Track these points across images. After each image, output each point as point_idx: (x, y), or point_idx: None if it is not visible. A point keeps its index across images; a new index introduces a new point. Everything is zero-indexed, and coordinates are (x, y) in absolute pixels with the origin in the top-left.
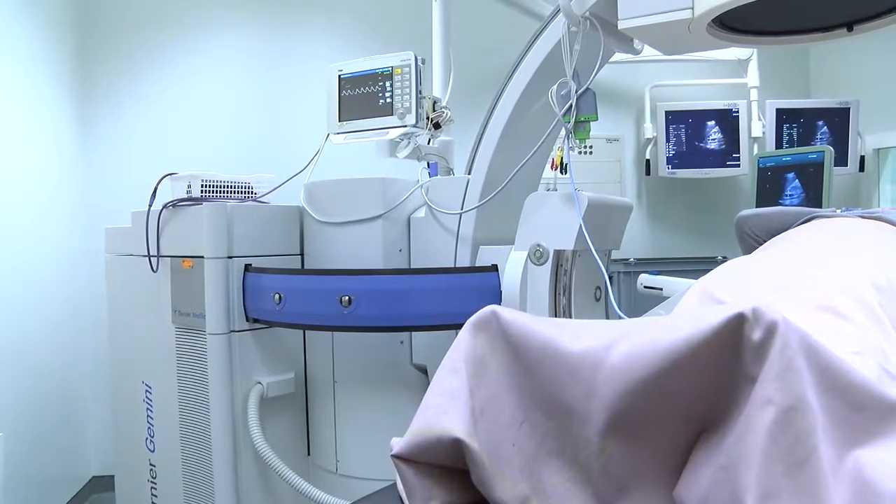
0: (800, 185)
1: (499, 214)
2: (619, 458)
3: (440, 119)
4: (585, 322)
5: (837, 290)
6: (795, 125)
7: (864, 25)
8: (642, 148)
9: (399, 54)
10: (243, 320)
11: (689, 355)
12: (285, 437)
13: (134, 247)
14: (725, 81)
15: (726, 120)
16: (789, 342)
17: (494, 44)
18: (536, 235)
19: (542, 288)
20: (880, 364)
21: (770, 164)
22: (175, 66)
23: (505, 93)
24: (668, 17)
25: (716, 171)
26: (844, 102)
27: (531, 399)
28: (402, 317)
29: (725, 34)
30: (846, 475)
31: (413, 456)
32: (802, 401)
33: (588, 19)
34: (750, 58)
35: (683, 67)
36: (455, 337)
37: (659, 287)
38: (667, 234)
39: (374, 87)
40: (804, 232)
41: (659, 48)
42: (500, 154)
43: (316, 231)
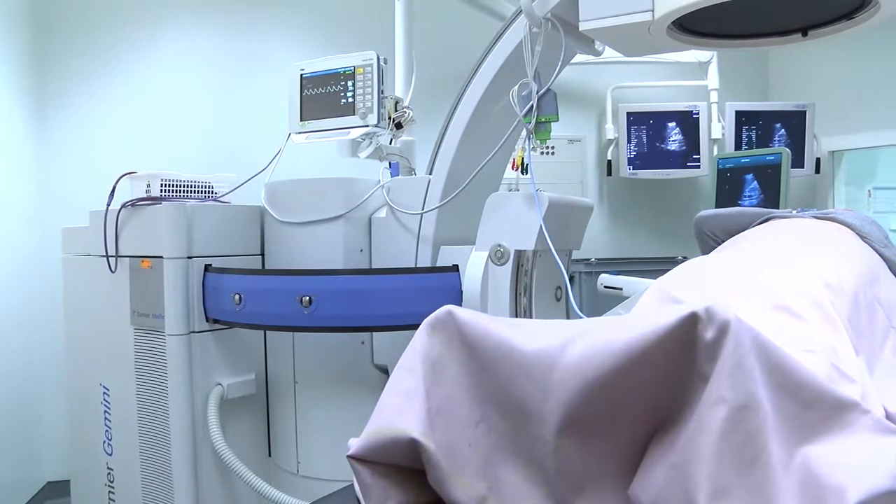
0: (758, 186)
1: (460, 215)
2: (575, 457)
3: (402, 119)
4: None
5: (792, 290)
6: (754, 127)
7: (818, 31)
8: (604, 149)
9: (361, 54)
10: (203, 321)
11: (642, 354)
12: (246, 439)
13: (92, 247)
14: (686, 83)
15: (687, 121)
16: (741, 341)
17: (457, 44)
18: (497, 236)
19: (502, 288)
20: (831, 362)
21: (729, 166)
22: (134, 64)
23: (466, 93)
24: (629, 19)
25: (676, 172)
26: (801, 105)
27: (487, 399)
28: (363, 317)
29: (685, 37)
30: (795, 470)
31: (369, 456)
32: (753, 399)
33: (549, 20)
34: (710, 60)
35: (645, 69)
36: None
37: (619, 287)
38: (628, 235)
39: (335, 87)
40: (761, 232)
41: (620, 50)
42: (461, 154)
43: (277, 231)
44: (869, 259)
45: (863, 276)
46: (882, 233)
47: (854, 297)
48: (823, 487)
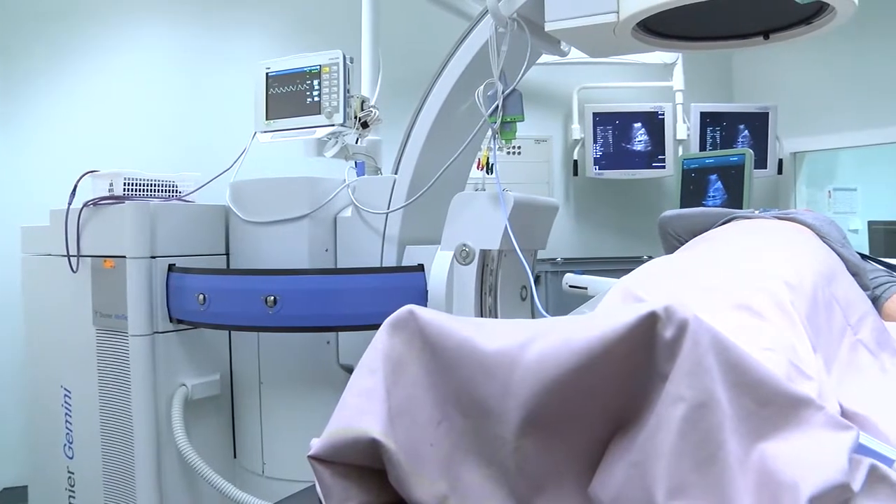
0: (722, 186)
1: (425, 214)
2: (535, 457)
3: (368, 118)
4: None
5: (753, 289)
6: (718, 128)
7: (779, 35)
8: (570, 149)
9: (327, 53)
10: (167, 321)
11: (602, 353)
12: (211, 440)
13: (52, 246)
14: (652, 84)
15: (652, 122)
16: (700, 340)
17: (424, 43)
18: (462, 235)
19: (468, 287)
20: (790, 360)
21: (694, 166)
22: (97, 61)
23: (432, 93)
24: (594, 20)
25: (642, 172)
26: (764, 107)
27: (448, 398)
28: (328, 317)
29: (650, 38)
30: (752, 467)
31: (330, 457)
32: (712, 397)
33: (515, 21)
34: (675, 62)
35: (611, 70)
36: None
37: (584, 286)
38: (594, 234)
39: (301, 86)
40: (723, 232)
41: (585, 50)
42: (426, 154)
43: (241, 230)
44: (827, 258)
45: (821, 276)
46: (840, 233)
47: (813, 295)
48: (779, 483)
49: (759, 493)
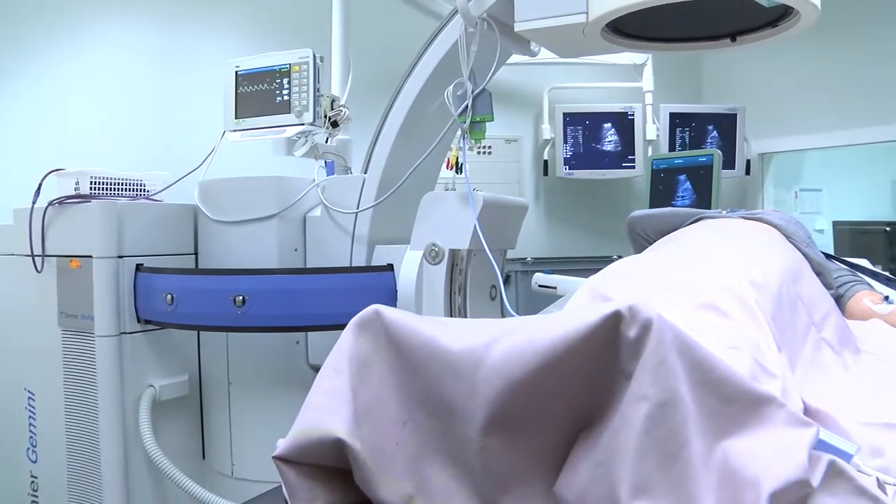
0: (691, 186)
1: (395, 214)
2: (500, 456)
3: (338, 117)
4: (468, 321)
5: (719, 288)
6: (688, 129)
7: (746, 37)
8: (540, 149)
9: (297, 51)
10: (135, 321)
11: (566, 353)
12: (179, 442)
13: (16, 246)
14: (622, 85)
15: (622, 122)
16: (663, 339)
17: (394, 43)
18: (432, 235)
19: (437, 287)
20: (755, 358)
21: (663, 167)
22: (63, 57)
23: (402, 92)
24: (564, 20)
25: (612, 173)
26: (732, 109)
27: (414, 398)
28: (297, 317)
29: (619, 39)
30: (714, 464)
31: (295, 457)
32: (675, 395)
33: (485, 21)
34: (645, 63)
35: (581, 71)
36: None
37: (553, 286)
38: (564, 234)
39: (271, 85)
40: (691, 232)
41: (554, 51)
42: (396, 153)
43: (210, 230)
44: (793, 258)
45: (786, 275)
46: (805, 233)
47: (778, 294)
48: (741, 480)
49: (722, 489)
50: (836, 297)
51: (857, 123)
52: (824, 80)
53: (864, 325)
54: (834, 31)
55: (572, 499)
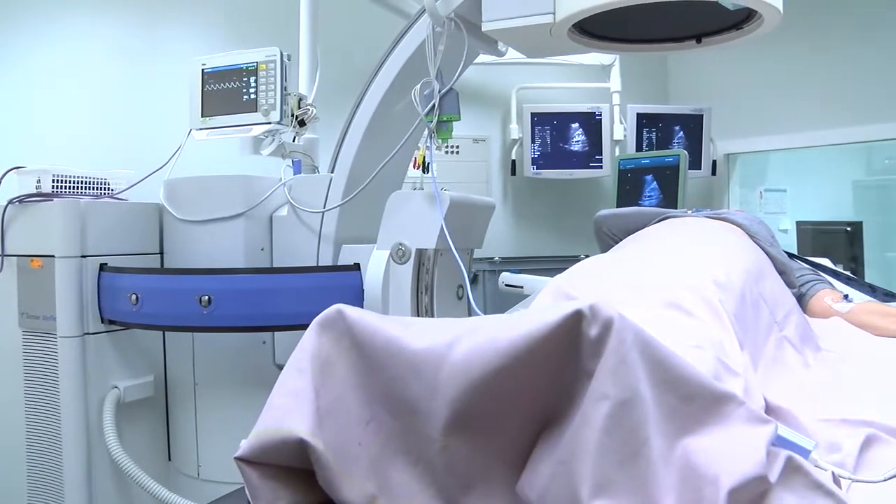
0: (657, 186)
1: (362, 213)
2: (462, 456)
3: (305, 116)
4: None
5: (683, 288)
6: (654, 129)
7: (711, 39)
8: (508, 148)
9: (264, 49)
10: (98, 322)
11: (528, 352)
12: (144, 443)
13: None
14: (589, 85)
15: (590, 123)
16: (624, 338)
17: (362, 41)
18: (398, 234)
19: (403, 287)
20: (717, 357)
21: (630, 167)
22: (25, 51)
23: (369, 91)
24: (531, 21)
25: (579, 172)
26: (698, 109)
27: (377, 398)
28: (263, 316)
29: (586, 39)
30: (675, 462)
31: (257, 458)
32: (636, 394)
33: (453, 20)
34: (613, 64)
35: (549, 71)
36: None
37: (520, 285)
38: (532, 234)
39: (238, 83)
40: (656, 232)
41: (522, 51)
42: (363, 152)
43: (176, 229)
44: (756, 257)
45: (749, 274)
46: (769, 232)
47: (741, 293)
48: (700, 477)
49: (682, 487)
50: (798, 296)
51: (819, 126)
52: (788, 82)
53: (825, 324)
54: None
55: (534, 498)
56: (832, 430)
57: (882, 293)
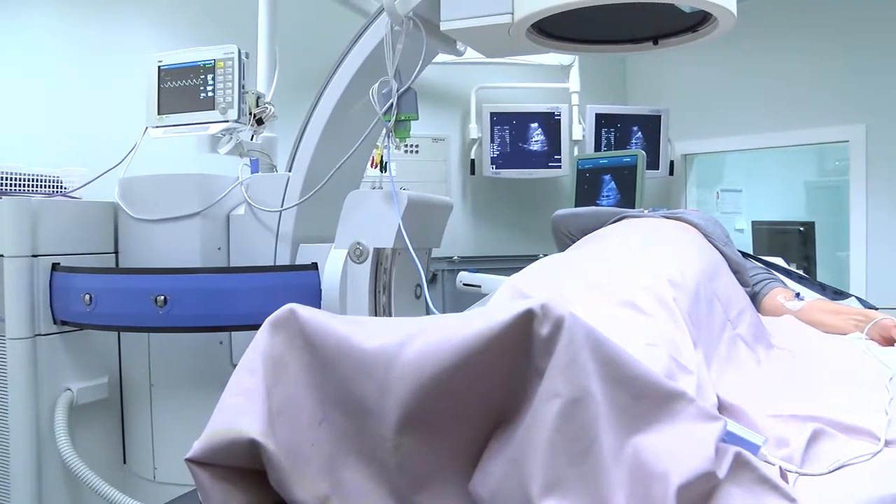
0: (615, 186)
1: (320, 212)
2: (414, 455)
3: (263, 115)
4: (384, 320)
5: (637, 286)
6: (613, 130)
7: (667, 41)
8: (467, 148)
9: (222, 47)
10: (50, 323)
11: (479, 351)
12: (98, 446)
13: None
14: (549, 86)
15: (549, 123)
16: (575, 337)
17: (321, 39)
18: (356, 233)
19: (361, 286)
20: (671, 355)
21: (588, 166)
22: None
23: (327, 89)
24: (489, 20)
25: (538, 172)
26: (657, 110)
27: (329, 398)
28: (220, 316)
29: (544, 40)
30: (625, 460)
31: (208, 459)
32: (586, 392)
33: (411, 19)
34: (572, 64)
35: (509, 70)
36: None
37: (477, 284)
38: (491, 233)
39: (195, 80)
40: (612, 231)
41: (480, 50)
42: (321, 151)
43: (131, 228)
44: (711, 257)
45: (704, 273)
46: (724, 232)
47: (695, 292)
48: (650, 474)
49: (632, 484)
50: (752, 295)
51: (773, 128)
52: (744, 86)
53: (777, 321)
54: (754, 40)
55: (486, 496)
56: (781, 425)
57: (832, 291)
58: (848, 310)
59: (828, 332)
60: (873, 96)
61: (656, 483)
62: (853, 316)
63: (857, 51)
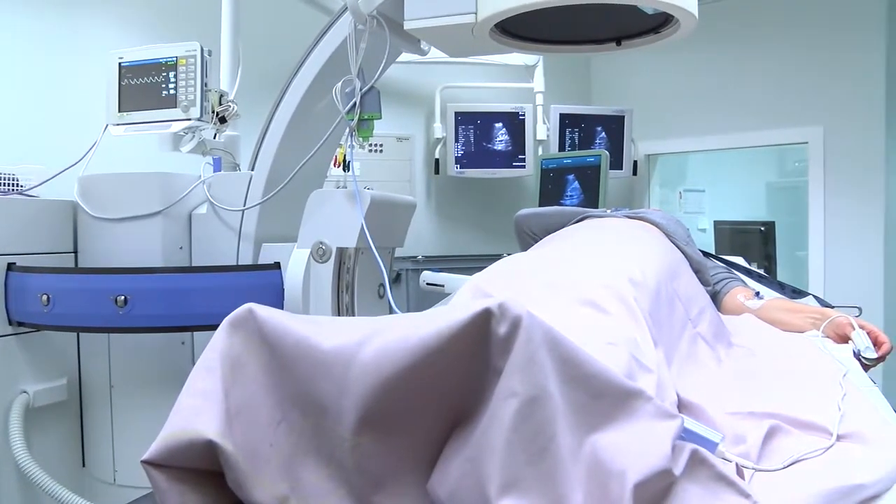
0: (579, 186)
1: (282, 212)
2: (373, 455)
3: (226, 113)
4: (343, 319)
5: (598, 286)
6: (577, 130)
7: (630, 42)
8: (432, 147)
9: (184, 44)
10: (6, 324)
11: (437, 351)
12: (57, 450)
13: None
14: (513, 85)
15: (513, 122)
16: (532, 336)
17: (285, 38)
18: (319, 233)
19: (324, 286)
20: (631, 353)
21: (552, 166)
22: None
23: (290, 88)
24: (453, 20)
25: (502, 172)
26: (620, 111)
27: (288, 398)
28: (181, 316)
29: (508, 40)
30: (583, 458)
31: (165, 460)
32: (544, 391)
33: (375, 18)
34: (536, 64)
35: (474, 70)
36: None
37: (441, 284)
38: (455, 233)
39: (157, 78)
40: (574, 230)
41: (444, 50)
42: (284, 150)
43: (91, 227)
44: (672, 256)
45: (665, 272)
46: (685, 231)
47: (656, 291)
48: (608, 473)
49: (590, 482)
50: (712, 294)
51: (736, 128)
52: (707, 87)
53: (737, 320)
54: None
55: (444, 496)
56: (739, 422)
57: (790, 290)
58: (806, 308)
59: (786, 330)
60: (830, 99)
61: (613, 481)
62: (810, 314)
63: (815, 55)
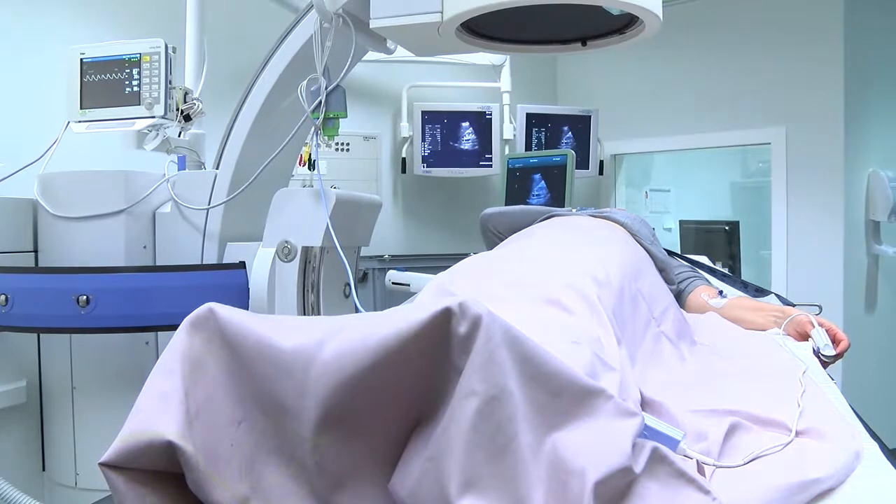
0: (545, 185)
1: (248, 210)
2: (333, 454)
3: (191, 111)
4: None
5: (562, 284)
6: (543, 129)
7: (595, 42)
8: (399, 146)
9: (148, 41)
10: None
11: (398, 350)
12: (15, 454)
13: None
14: (480, 85)
15: (480, 122)
16: (492, 335)
17: (251, 35)
18: (284, 232)
19: (290, 285)
20: (595, 352)
21: (518, 166)
22: None
23: (255, 86)
24: (419, 19)
25: (469, 171)
26: (586, 111)
27: (249, 398)
28: (145, 316)
29: (474, 39)
30: (544, 457)
31: (124, 462)
32: (504, 390)
33: (341, 16)
34: (503, 64)
35: (441, 70)
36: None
37: (406, 283)
38: (421, 232)
39: (120, 74)
40: (539, 230)
41: (410, 49)
42: (248, 149)
43: (51, 226)
44: (636, 255)
45: (629, 271)
46: (650, 230)
47: (620, 290)
48: (568, 471)
49: (550, 481)
50: (676, 293)
51: (701, 129)
52: (672, 88)
53: (701, 318)
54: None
55: (405, 495)
56: (701, 420)
57: (753, 289)
58: (767, 307)
59: (748, 328)
60: (792, 101)
61: (574, 479)
62: (772, 312)
63: (778, 58)
